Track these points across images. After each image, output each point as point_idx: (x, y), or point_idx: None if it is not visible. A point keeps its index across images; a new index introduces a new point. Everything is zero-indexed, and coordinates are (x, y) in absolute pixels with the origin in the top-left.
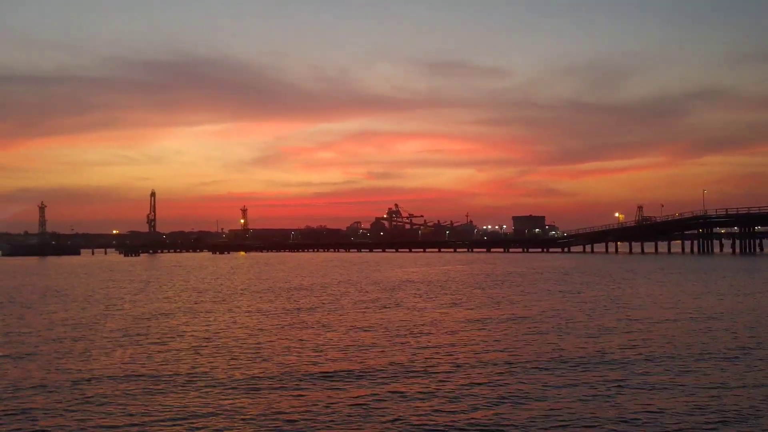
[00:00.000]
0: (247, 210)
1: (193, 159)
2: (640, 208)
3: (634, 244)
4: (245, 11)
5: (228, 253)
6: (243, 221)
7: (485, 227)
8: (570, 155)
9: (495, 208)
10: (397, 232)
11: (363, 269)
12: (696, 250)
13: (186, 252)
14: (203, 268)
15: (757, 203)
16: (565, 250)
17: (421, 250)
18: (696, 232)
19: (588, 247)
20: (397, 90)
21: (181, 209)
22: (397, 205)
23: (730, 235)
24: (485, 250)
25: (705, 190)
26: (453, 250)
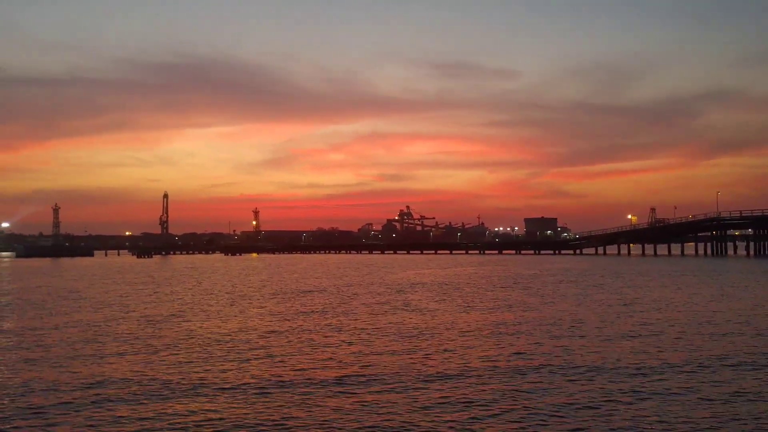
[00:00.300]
0: (259, 212)
1: (205, 161)
2: (653, 209)
3: (646, 246)
4: (255, 13)
5: (240, 255)
6: (255, 223)
7: (497, 229)
8: (581, 157)
9: (506, 209)
10: (409, 233)
11: (375, 271)
12: (709, 252)
13: (198, 254)
14: (215, 269)
15: None
16: (577, 252)
17: (433, 251)
18: (709, 234)
19: (600, 249)
20: (407, 91)
21: (193, 211)
22: (409, 207)
23: (744, 237)
24: (497, 252)
25: (719, 191)
26: (465, 251)
